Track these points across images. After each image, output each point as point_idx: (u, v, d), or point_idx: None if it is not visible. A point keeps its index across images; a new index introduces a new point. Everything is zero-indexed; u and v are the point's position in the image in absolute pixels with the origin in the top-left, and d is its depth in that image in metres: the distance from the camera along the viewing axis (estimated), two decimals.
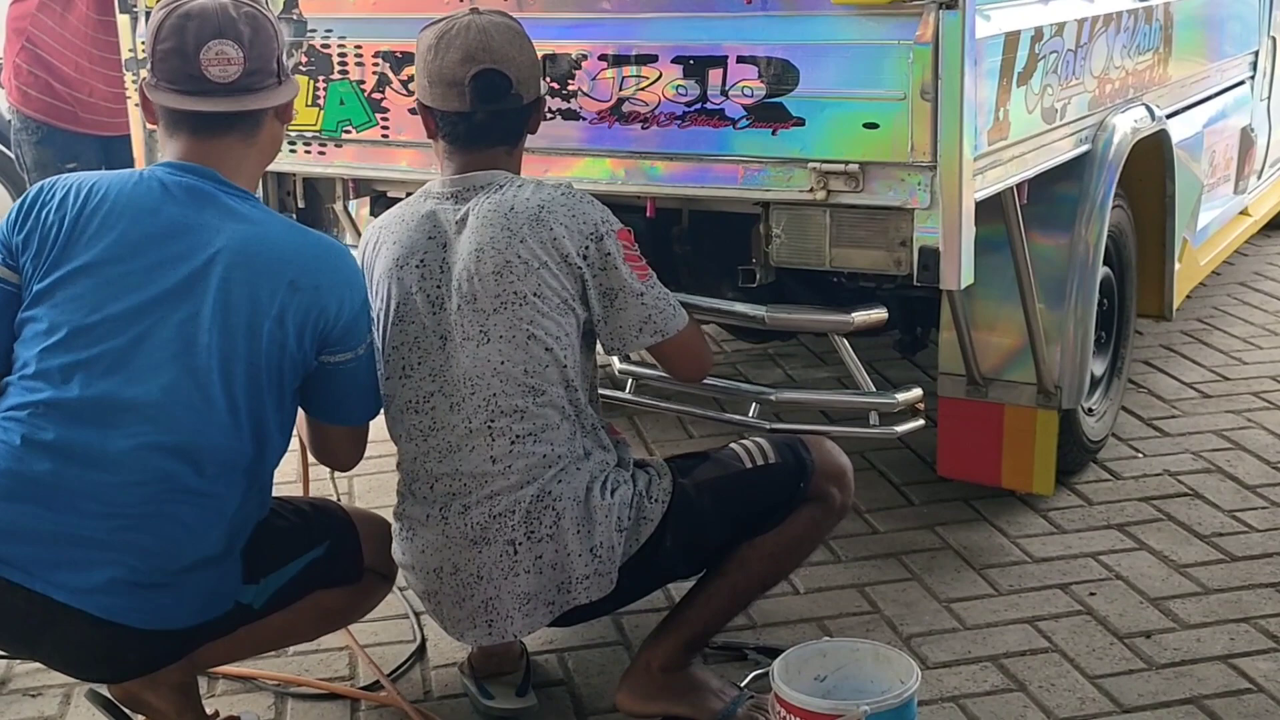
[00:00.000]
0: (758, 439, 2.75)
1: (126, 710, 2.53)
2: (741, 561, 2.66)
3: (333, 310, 2.38)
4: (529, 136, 2.71)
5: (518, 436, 2.56)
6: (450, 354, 2.58)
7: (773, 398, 3.13)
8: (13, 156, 4.81)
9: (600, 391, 3.37)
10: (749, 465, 2.67)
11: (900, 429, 3.19)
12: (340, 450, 2.68)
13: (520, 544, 2.56)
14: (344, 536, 2.65)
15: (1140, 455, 3.96)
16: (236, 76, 2.33)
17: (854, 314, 3.10)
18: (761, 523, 2.65)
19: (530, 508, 2.55)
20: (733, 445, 2.74)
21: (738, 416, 3.30)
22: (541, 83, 2.70)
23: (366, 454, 2.72)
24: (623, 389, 3.47)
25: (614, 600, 2.65)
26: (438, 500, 2.61)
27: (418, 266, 2.60)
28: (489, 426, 2.56)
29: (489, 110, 2.60)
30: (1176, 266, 4.20)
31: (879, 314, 3.14)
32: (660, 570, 2.69)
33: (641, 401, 3.45)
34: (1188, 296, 4.90)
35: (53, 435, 2.25)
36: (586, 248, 2.56)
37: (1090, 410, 3.82)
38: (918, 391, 3.22)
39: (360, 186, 3.63)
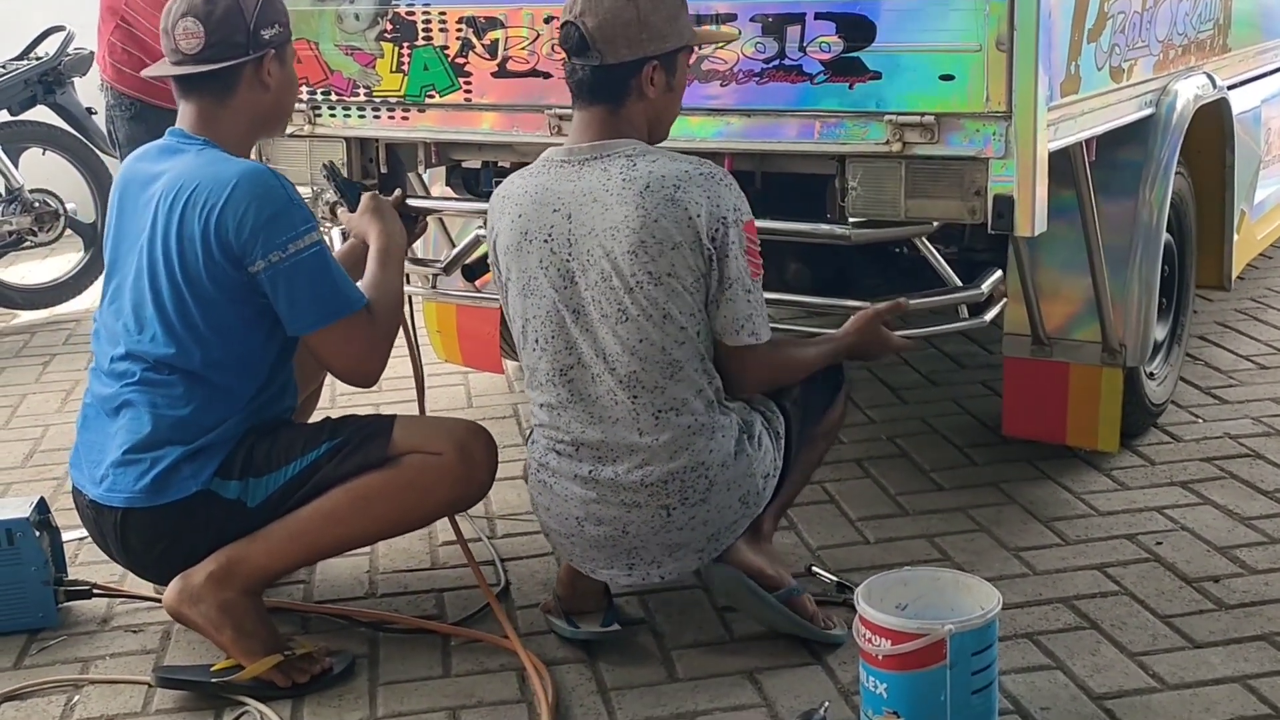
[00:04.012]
0: None
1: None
2: (811, 441, 2.94)
3: (230, 225, 2.68)
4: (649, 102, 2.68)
5: (660, 410, 2.64)
6: (585, 328, 2.64)
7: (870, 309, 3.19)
8: (105, 131, 4.94)
9: None
10: None
11: (989, 315, 3.27)
12: (331, 359, 2.83)
13: (674, 509, 2.67)
14: (361, 431, 2.83)
15: (1200, 420, 4.02)
16: (199, 48, 2.79)
17: (933, 220, 3.13)
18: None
19: (685, 477, 2.65)
20: None
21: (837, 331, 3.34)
22: (646, 48, 2.63)
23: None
24: None
25: None
26: (584, 461, 2.69)
27: (545, 241, 2.66)
28: (632, 401, 2.64)
29: (575, 64, 2.68)
30: (1235, 237, 4.26)
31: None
32: (780, 480, 2.86)
33: None
34: (1239, 277, 4.94)
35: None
36: (715, 230, 2.60)
37: (1152, 374, 3.88)
38: (998, 273, 3.29)
39: (441, 153, 3.72)
